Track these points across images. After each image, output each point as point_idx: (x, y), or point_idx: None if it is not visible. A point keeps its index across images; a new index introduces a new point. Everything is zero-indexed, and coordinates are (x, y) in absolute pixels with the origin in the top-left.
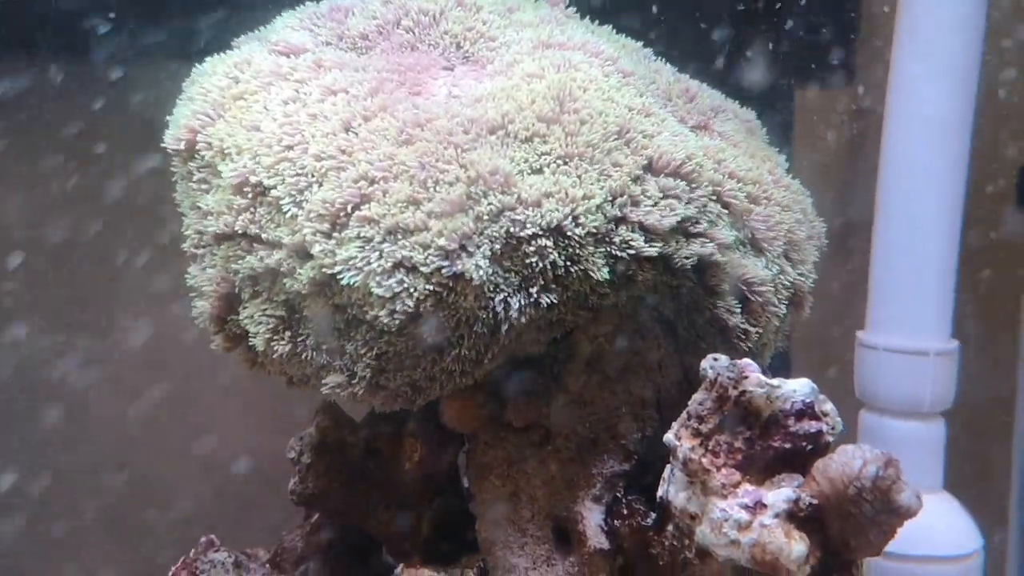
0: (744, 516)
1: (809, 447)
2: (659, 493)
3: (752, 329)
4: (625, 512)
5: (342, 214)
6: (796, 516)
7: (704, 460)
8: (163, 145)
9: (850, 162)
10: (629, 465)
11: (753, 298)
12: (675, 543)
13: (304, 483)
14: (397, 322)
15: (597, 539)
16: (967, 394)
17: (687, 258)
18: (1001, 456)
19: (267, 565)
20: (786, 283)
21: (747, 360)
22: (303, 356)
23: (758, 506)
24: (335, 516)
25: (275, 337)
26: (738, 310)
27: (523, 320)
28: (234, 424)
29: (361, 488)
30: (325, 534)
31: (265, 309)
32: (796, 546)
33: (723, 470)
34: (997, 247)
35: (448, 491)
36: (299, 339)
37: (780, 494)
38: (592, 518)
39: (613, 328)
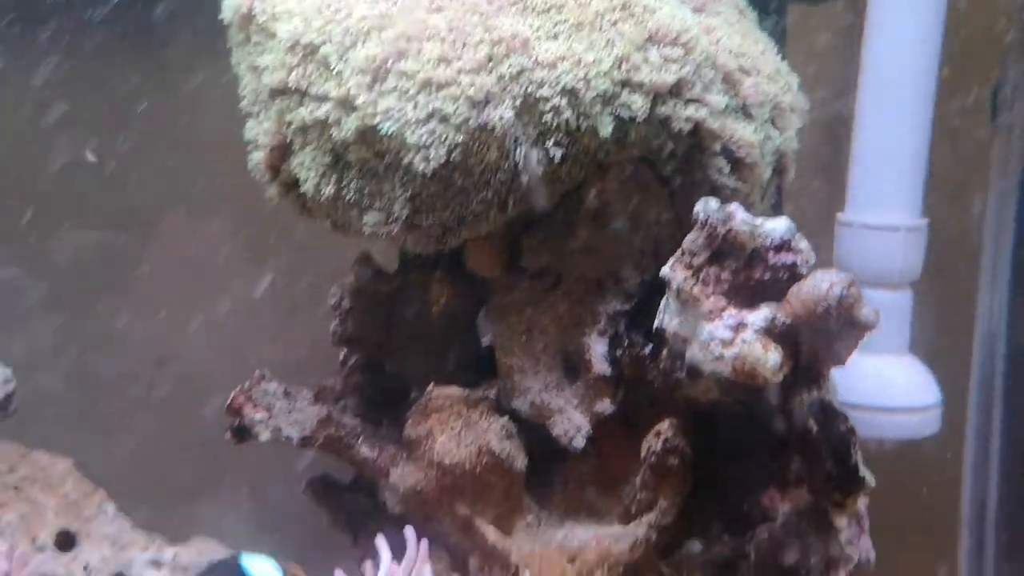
0: (728, 335)
1: (786, 276)
2: (655, 323)
3: (741, 187)
4: (625, 344)
5: (382, 69)
6: (772, 333)
7: (695, 289)
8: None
9: (837, 70)
10: (630, 305)
11: (742, 159)
12: (668, 366)
13: (343, 325)
14: (430, 167)
15: (601, 366)
16: (934, 267)
17: (684, 120)
18: (965, 323)
19: (311, 398)
20: (772, 148)
21: (735, 204)
22: (347, 199)
23: (740, 326)
24: (370, 354)
25: (323, 181)
26: (728, 170)
27: (539, 171)
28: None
29: (393, 329)
30: (360, 376)
31: (314, 157)
32: (772, 356)
33: (711, 297)
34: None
35: (470, 332)
36: (343, 183)
37: (759, 314)
38: (597, 349)
39: (617, 185)
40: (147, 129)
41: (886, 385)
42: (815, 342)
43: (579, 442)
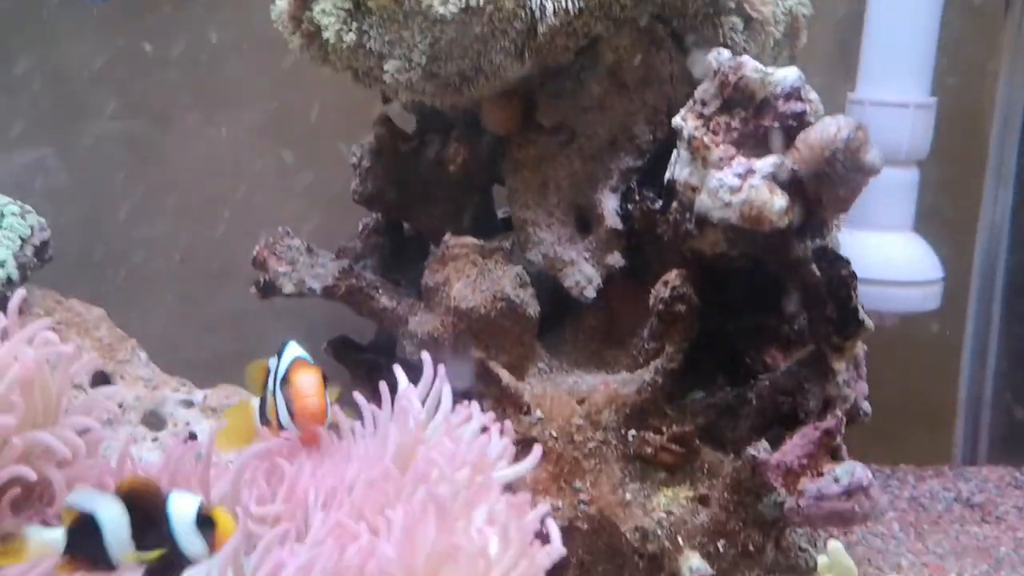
0: (736, 182)
1: (794, 124)
2: (666, 176)
3: (751, 46)
4: (637, 199)
5: None
6: (779, 179)
7: (705, 138)
8: None
9: None
10: (642, 162)
11: (755, 18)
12: (678, 218)
13: (363, 184)
14: (448, 11)
15: (613, 220)
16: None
17: None
18: (971, 204)
19: (333, 256)
20: (785, 8)
21: (746, 55)
22: (367, 46)
23: (748, 173)
24: (389, 213)
25: (344, 28)
26: (741, 27)
27: (556, 22)
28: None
29: (411, 188)
30: (379, 238)
31: (335, 3)
32: (778, 200)
33: (721, 146)
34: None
35: (485, 193)
36: (364, 30)
37: (767, 161)
38: (609, 204)
39: (632, 41)
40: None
41: (889, 260)
42: (821, 187)
43: (590, 293)
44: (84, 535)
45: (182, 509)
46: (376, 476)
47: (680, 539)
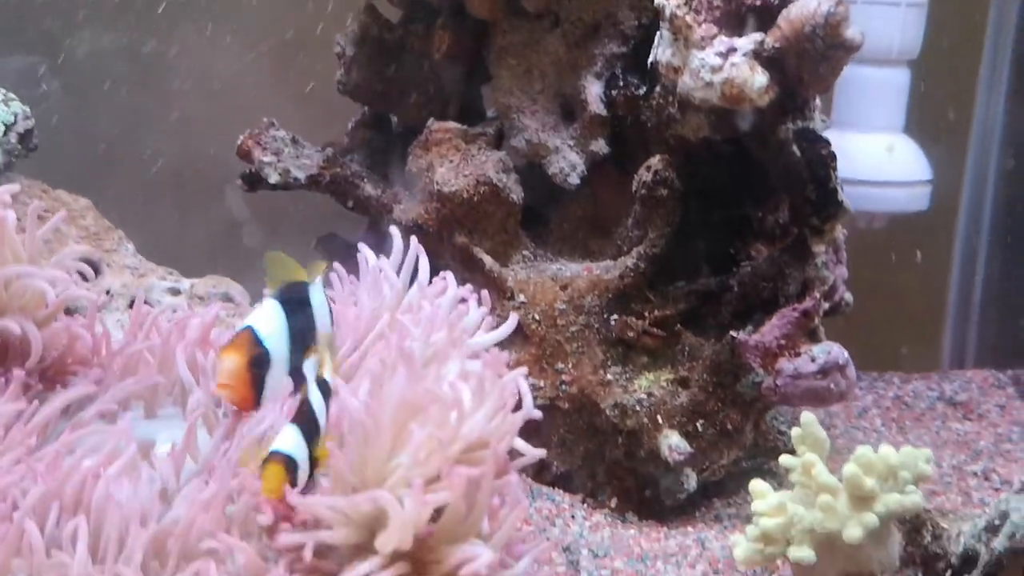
0: (717, 61)
1: (776, 3)
2: (650, 58)
3: None
4: (621, 84)
5: None
6: (760, 56)
7: (687, 17)
8: None
9: None
10: (626, 48)
11: None
12: (661, 102)
13: (348, 74)
14: None
15: (597, 106)
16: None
17: None
18: (964, 106)
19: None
20: None
21: None
22: None
23: (730, 51)
24: (374, 105)
25: None
26: None
27: None
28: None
29: (396, 78)
30: (365, 132)
31: None
32: (758, 77)
33: (703, 25)
34: None
35: (471, 81)
36: None
37: (748, 39)
38: (593, 90)
39: None
40: None
41: (879, 161)
42: (802, 65)
43: (574, 180)
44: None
45: None
46: (350, 343)
47: (660, 418)
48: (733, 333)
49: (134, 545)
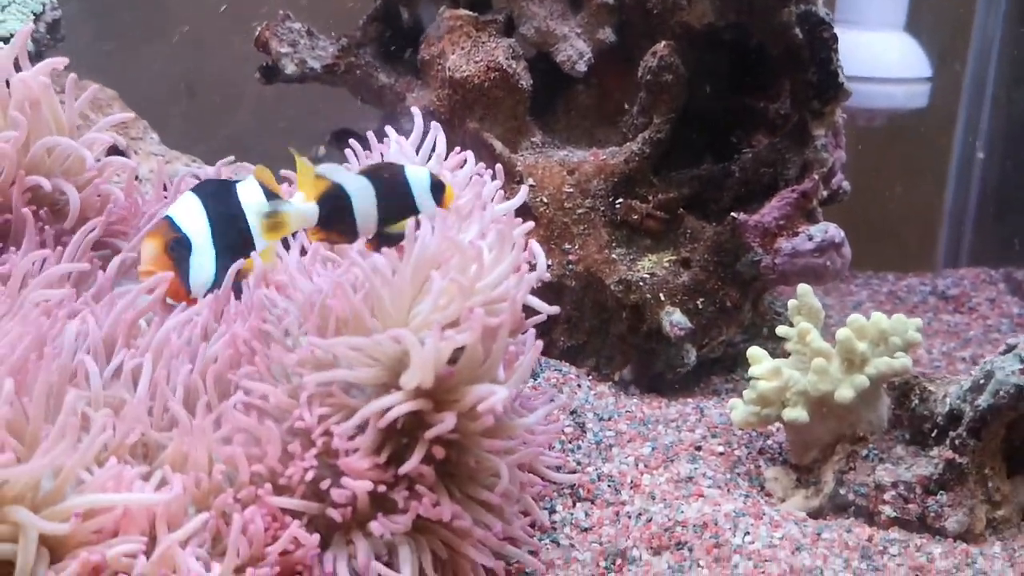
0: None
1: None
2: None
3: None
4: None
5: None
6: None
7: None
8: None
9: None
10: None
11: None
12: None
13: None
14: None
15: None
16: None
17: None
18: (965, 4)
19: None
20: None
21: None
22: None
23: None
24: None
25: None
26: None
27: None
28: None
29: None
30: (378, 24)
31: None
32: None
33: None
34: None
35: None
36: None
37: None
38: None
39: None
40: None
41: (879, 58)
42: None
43: (581, 67)
44: (334, 207)
45: (418, 176)
46: None
47: (662, 296)
48: (734, 214)
49: (175, 381)
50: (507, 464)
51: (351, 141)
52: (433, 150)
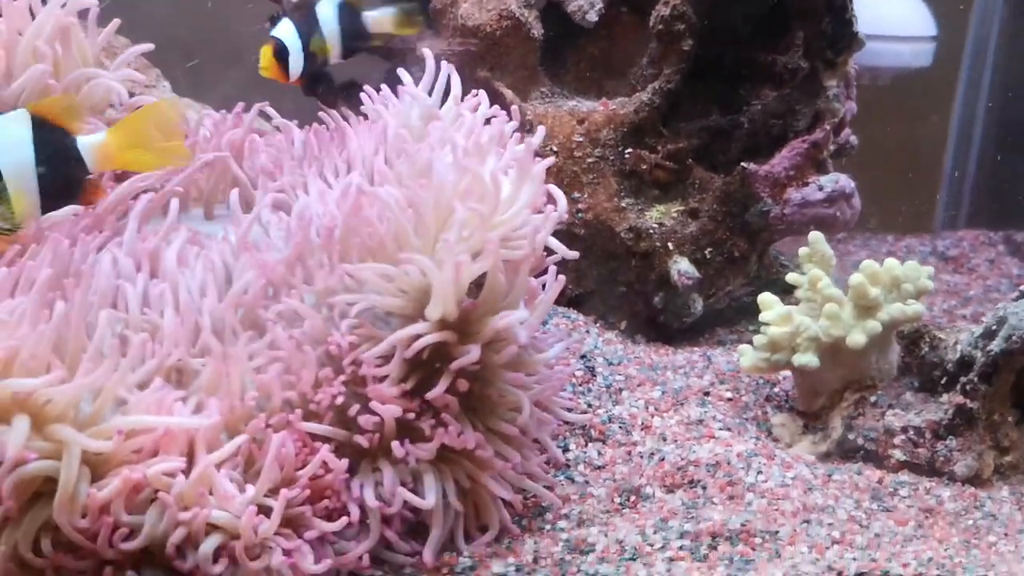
0: None
1: None
2: None
3: None
4: None
5: None
6: None
7: None
8: None
9: None
10: None
11: None
12: None
13: None
14: None
15: None
16: None
17: None
18: None
19: None
20: None
21: None
22: None
23: None
24: None
25: None
26: None
27: None
28: None
29: None
30: None
31: None
32: None
33: None
34: None
35: None
36: None
37: None
38: None
39: None
40: None
41: (886, 16)
42: None
43: (592, 17)
44: None
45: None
46: (391, 143)
47: (670, 245)
48: (743, 164)
49: (205, 308)
50: (529, 398)
51: (366, 88)
52: (447, 93)
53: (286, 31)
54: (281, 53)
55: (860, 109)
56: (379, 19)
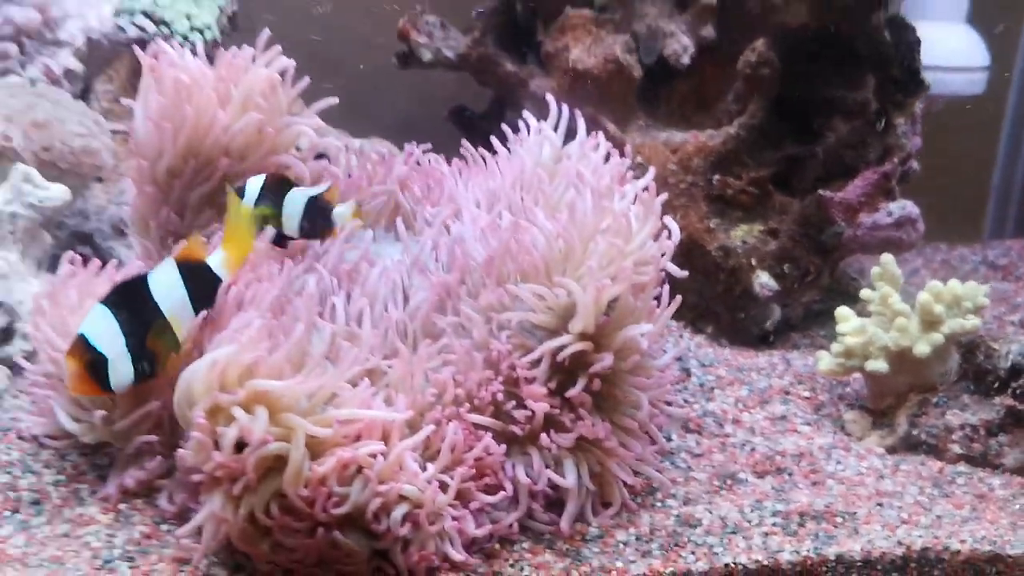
0: None
1: None
2: None
3: None
4: None
5: None
6: None
7: None
8: None
9: None
10: None
11: None
12: None
13: None
14: None
15: None
16: None
17: None
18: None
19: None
20: None
21: None
22: None
23: None
24: None
25: None
26: None
27: None
28: None
29: None
30: (497, 19)
31: None
32: None
33: None
34: None
35: None
36: None
37: None
38: None
39: None
40: None
41: (943, 48)
42: None
43: (685, 60)
44: None
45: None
46: (527, 178)
47: (753, 261)
48: (820, 191)
49: (389, 321)
50: (646, 398)
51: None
52: (570, 131)
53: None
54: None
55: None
56: (341, 213)
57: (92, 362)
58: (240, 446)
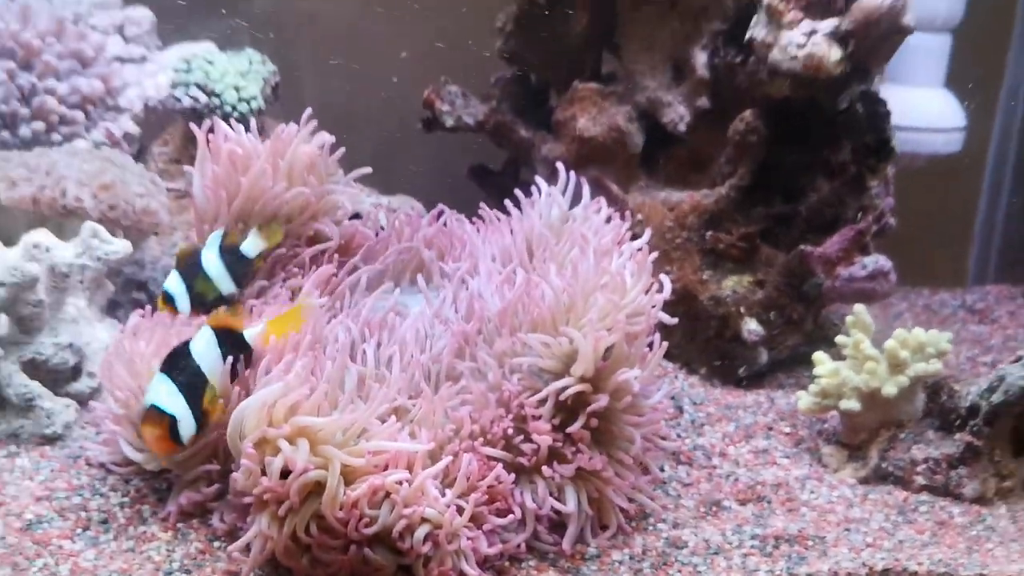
0: (802, 39)
1: None
2: (747, 36)
3: None
4: (722, 54)
5: None
6: (836, 36)
7: (780, 5)
8: None
9: None
10: (727, 25)
11: None
12: (753, 69)
13: (506, 44)
14: None
15: (702, 71)
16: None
17: None
18: (996, 65)
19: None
20: None
21: None
22: None
23: (812, 32)
24: (522, 68)
25: None
26: None
27: None
28: None
29: (542, 47)
30: (512, 87)
31: None
32: (834, 52)
33: (792, 11)
34: None
35: (601, 51)
36: None
37: (828, 23)
38: (700, 59)
39: None
40: None
41: (921, 111)
42: (867, 44)
43: (682, 127)
44: None
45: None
46: (537, 237)
47: (742, 309)
48: (802, 247)
49: (416, 364)
50: (639, 433)
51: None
52: (575, 196)
53: (171, 280)
54: (168, 298)
55: (902, 184)
56: (253, 243)
57: (168, 425)
58: (284, 473)
